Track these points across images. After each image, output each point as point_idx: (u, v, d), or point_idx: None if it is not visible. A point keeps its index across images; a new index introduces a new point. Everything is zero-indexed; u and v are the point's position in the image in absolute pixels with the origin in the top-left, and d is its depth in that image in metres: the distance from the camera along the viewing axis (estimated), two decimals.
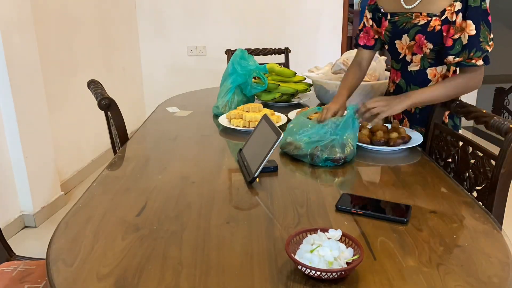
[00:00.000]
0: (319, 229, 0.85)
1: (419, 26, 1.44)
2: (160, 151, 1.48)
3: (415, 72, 1.53)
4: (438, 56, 1.47)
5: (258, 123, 1.36)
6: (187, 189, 1.16)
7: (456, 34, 1.38)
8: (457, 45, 1.39)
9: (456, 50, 1.39)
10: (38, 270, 1.24)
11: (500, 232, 0.95)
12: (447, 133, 1.49)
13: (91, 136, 3.29)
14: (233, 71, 1.85)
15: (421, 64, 1.51)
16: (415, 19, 1.45)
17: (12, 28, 2.29)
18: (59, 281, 0.78)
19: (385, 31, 1.56)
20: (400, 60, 1.57)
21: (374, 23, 1.63)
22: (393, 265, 0.83)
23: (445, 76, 1.52)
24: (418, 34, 1.45)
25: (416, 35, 1.46)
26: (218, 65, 3.96)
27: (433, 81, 1.52)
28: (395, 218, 0.99)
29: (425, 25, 1.43)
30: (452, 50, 1.40)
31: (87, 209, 1.05)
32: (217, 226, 0.97)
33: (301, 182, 1.23)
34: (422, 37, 1.44)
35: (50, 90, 2.70)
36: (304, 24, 4.05)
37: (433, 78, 1.52)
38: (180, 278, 0.79)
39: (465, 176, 1.38)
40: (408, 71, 1.55)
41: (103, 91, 1.75)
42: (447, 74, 1.52)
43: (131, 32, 4.03)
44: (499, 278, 0.79)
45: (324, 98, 2.03)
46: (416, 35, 1.46)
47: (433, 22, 1.41)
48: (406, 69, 1.56)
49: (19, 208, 2.50)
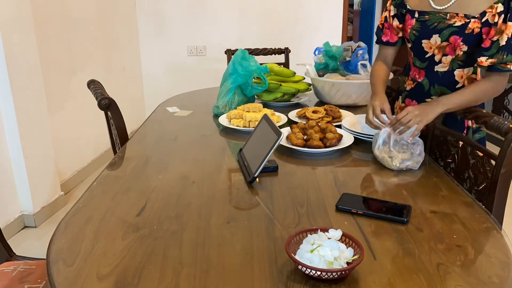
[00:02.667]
0: (319, 229, 0.85)
1: (455, 27, 1.41)
2: (160, 151, 1.48)
3: (442, 73, 1.51)
4: (468, 58, 1.45)
5: (258, 123, 1.36)
6: (187, 189, 1.17)
7: (495, 35, 1.36)
8: (493, 46, 1.36)
9: (491, 52, 1.37)
10: (38, 270, 1.24)
11: (500, 232, 0.95)
12: (447, 133, 1.49)
13: (91, 136, 3.29)
14: (234, 71, 1.85)
15: (450, 65, 1.49)
16: (450, 20, 1.42)
17: (12, 28, 2.29)
18: (59, 281, 0.78)
19: (411, 29, 1.52)
20: (427, 59, 1.53)
21: (397, 19, 1.59)
22: (393, 265, 0.83)
23: (471, 77, 1.49)
24: (454, 35, 1.42)
25: (451, 36, 1.42)
26: (218, 65, 3.96)
27: (459, 82, 1.49)
28: (395, 218, 0.99)
29: (462, 26, 1.39)
30: (487, 51, 1.37)
31: (87, 209, 1.05)
32: (217, 226, 0.97)
33: (301, 182, 1.23)
34: (459, 39, 1.41)
35: (50, 90, 2.70)
36: (304, 24, 4.05)
37: (460, 79, 1.49)
38: (180, 278, 0.79)
39: (465, 176, 1.38)
40: (434, 71, 1.52)
41: (103, 91, 1.75)
42: (473, 76, 1.49)
43: (131, 32, 4.03)
44: (499, 278, 0.79)
45: (326, 98, 2.04)
46: (451, 36, 1.42)
47: (472, 24, 1.38)
48: (432, 69, 1.53)
49: (19, 208, 2.50)
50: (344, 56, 2.14)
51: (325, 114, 1.72)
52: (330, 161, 1.38)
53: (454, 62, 1.48)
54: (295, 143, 1.43)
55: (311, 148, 1.41)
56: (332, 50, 2.10)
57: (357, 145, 1.48)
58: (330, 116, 1.72)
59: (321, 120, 1.68)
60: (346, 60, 2.13)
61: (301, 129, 1.54)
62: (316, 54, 2.19)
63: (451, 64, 1.48)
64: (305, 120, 1.72)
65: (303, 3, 4.00)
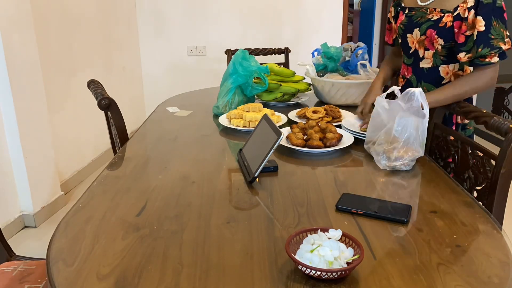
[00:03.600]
0: (319, 229, 0.85)
1: (432, 21, 1.47)
2: (160, 151, 1.48)
3: (427, 69, 1.55)
4: (450, 53, 1.49)
5: (258, 123, 1.36)
6: (187, 189, 1.17)
7: (468, 30, 1.40)
8: (469, 42, 1.40)
9: (468, 47, 1.41)
10: (38, 270, 1.24)
11: (500, 232, 0.95)
12: (447, 133, 1.49)
13: (91, 136, 3.29)
14: (234, 71, 1.85)
15: (433, 61, 1.53)
16: (429, 15, 1.48)
17: (12, 27, 2.29)
18: (59, 281, 0.78)
19: (400, 24, 1.60)
20: (412, 55, 1.59)
21: (395, 19, 1.67)
22: (393, 265, 0.83)
23: (457, 74, 1.52)
24: (430, 29, 1.48)
25: (428, 30, 1.49)
26: (218, 65, 3.97)
27: (445, 78, 1.53)
28: (395, 218, 0.99)
29: (437, 20, 1.46)
30: (464, 47, 1.42)
31: (87, 209, 1.05)
32: (217, 226, 0.97)
33: (301, 182, 1.23)
34: (433, 32, 1.47)
35: (50, 90, 2.70)
36: (304, 24, 4.05)
37: (445, 75, 1.53)
38: (180, 278, 0.79)
39: (465, 176, 1.38)
40: (420, 68, 1.57)
41: (103, 91, 1.75)
42: (459, 73, 1.52)
43: (131, 32, 4.03)
44: (499, 278, 0.79)
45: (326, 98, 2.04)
46: (428, 30, 1.49)
47: (445, 18, 1.44)
48: (418, 65, 1.57)
49: (19, 208, 2.50)
50: (344, 56, 2.14)
51: (325, 114, 1.72)
52: (330, 161, 1.38)
53: (437, 57, 1.51)
54: (295, 143, 1.43)
55: (311, 148, 1.41)
56: (330, 51, 2.10)
57: (357, 145, 1.48)
58: (330, 116, 1.72)
59: (321, 120, 1.68)
60: (346, 60, 2.13)
61: (301, 129, 1.54)
62: (314, 55, 2.19)
63: (434, 59, 1.52)
64: (305, 120, 1.72)
65: (303, 3, 4.00)
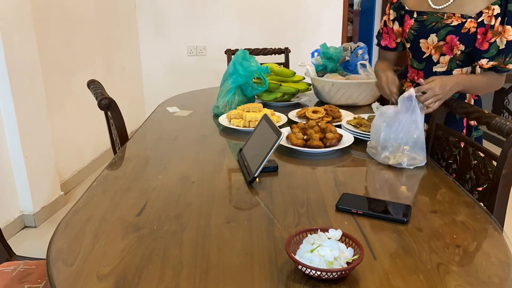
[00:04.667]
0: (319, 229, 0.85)
1: (452, 27, 1.44)
2: (160, 151, 1.48)
3: (441, 73, 1.53)
4: (467, 58, 1.48)
5: (258, 123, 1.36)
6: (187, 189, 1.16)
7: (493, 38, 1.38)
8: (492, 49, 1.39)
9: (491, 54, 1.40)
10: (38, 270, 1.24)
11: (500, 232, 0.95)
12: (448, 134, 1.49)
13: (91, 136, 3.29)
14: (234, 71, 1.85)
15: (449, 65, 1.51)
16: (447, 20, 1.45)
17: (12, 27, 2.29)
18: (59, 281, 0.78)
19: (410, 29, 1.54)
20: (424, 60, 1.56)
21: (397, 22, 1.62)
22: (393, 265, 0.83)
23: None
24: (450, 35, 1.45)
25: (448, 36, 1.45)
26: (218, 65, 3.97)
27: None
28: (395, 218, 0.99)
29: (458, 26, 1.43)
30: (487, 53, 1.40)
31: (87, 209, 1.05)
32: (217, 226, 0.97)
33: (301, 182, 1.23)
34: (455, 38, 1.44)
35: (50, 90, 2.70)
36: (304, 24, 4.05)
37: None
38: (180, 278, 0.79)
39: (467, 177, 1.37)
40: (432, 72, 1.54)
41: (103, 91, 1.75)
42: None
43: (131, 32, 4.03)
44: (499, 278, 0.79)
45: (326, 98, 2.04)
46: (448, 36, 1.45)
47: (468, 23, 1.41)
48: (431, 70, 1.55)
49: (19, 208, 2.50)
50: (344, 56, 2.14)
51: (325, 114, 1.72)
52: (330, 161, 1.38)
53: (453, 61, 1.50)
54: (295, 143, 1.43)
55: (311, 148, 1.41)
56: (329, 52, 2.10)
57: (357, 145, 1.48)
58: (330, 116, 1.72)
59: (321, 120, 1.68)
60: (346, 60, 2.13)
61: (301, 129, 1.54)
62: (314, 55, 2.19)
63: (450, 64, 1.51)
64: (305, 120, 1.72)
65: (303, 3, 4.00)
